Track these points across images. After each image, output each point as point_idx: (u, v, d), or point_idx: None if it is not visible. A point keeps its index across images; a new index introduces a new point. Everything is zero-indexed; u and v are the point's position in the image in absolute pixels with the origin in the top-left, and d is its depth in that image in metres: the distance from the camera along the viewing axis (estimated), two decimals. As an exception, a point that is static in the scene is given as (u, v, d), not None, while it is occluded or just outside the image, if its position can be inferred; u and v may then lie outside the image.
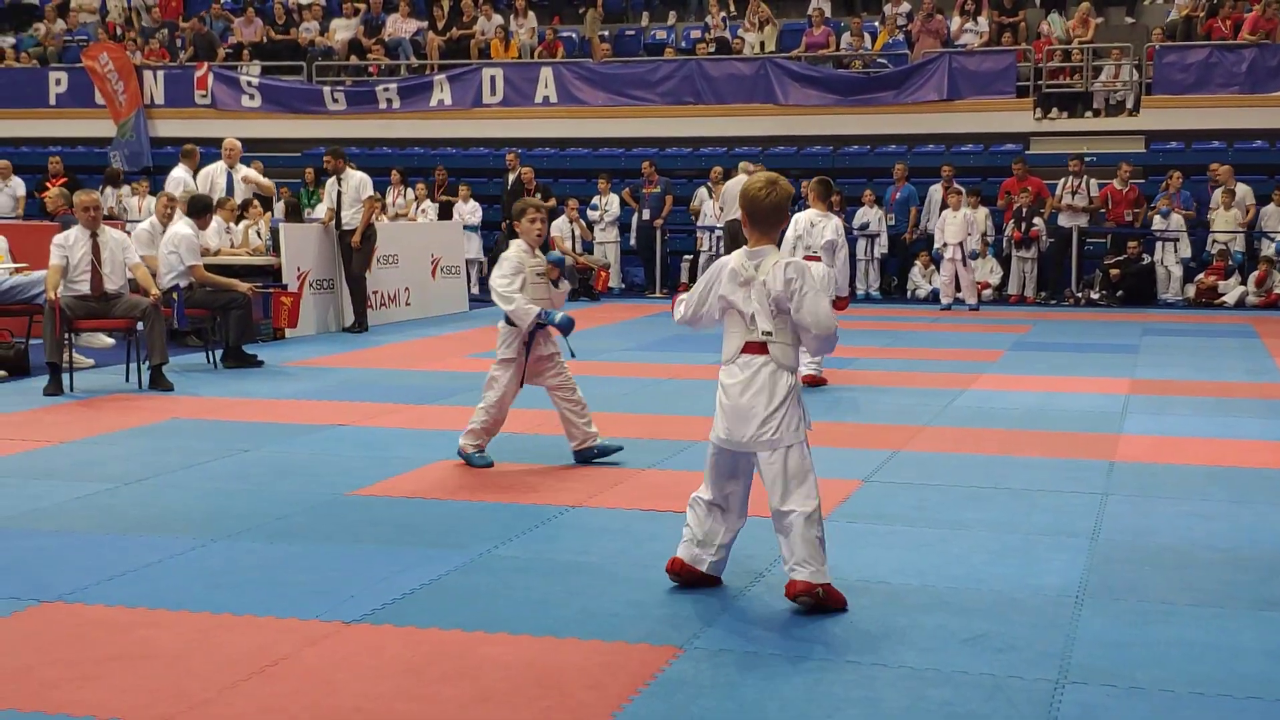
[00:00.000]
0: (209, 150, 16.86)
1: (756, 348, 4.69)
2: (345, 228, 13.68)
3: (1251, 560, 5.34)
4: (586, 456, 7.18)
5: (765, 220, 4.76)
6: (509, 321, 6.91)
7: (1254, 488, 6.65)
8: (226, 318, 11.03)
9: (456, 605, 4.76)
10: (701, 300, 4.84)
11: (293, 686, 3.99)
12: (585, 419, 7.14)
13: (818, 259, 9.50)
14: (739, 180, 11.32)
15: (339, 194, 13.71)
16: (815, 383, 9.73)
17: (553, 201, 18.45)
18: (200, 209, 11.39)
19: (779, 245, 4.84)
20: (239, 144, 14.65)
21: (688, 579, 4.93)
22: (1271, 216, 17.06)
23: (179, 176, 14.24)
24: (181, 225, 11.16)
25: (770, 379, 4.65)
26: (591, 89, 20.71)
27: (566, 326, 6.85)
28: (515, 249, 6.94)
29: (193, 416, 8.74)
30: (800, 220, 9.77)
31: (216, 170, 14.32)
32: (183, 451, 7.51)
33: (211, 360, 11.05)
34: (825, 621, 4.58)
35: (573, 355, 7.25)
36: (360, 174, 14.00)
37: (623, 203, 18.74)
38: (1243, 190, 17.25)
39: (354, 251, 13.63)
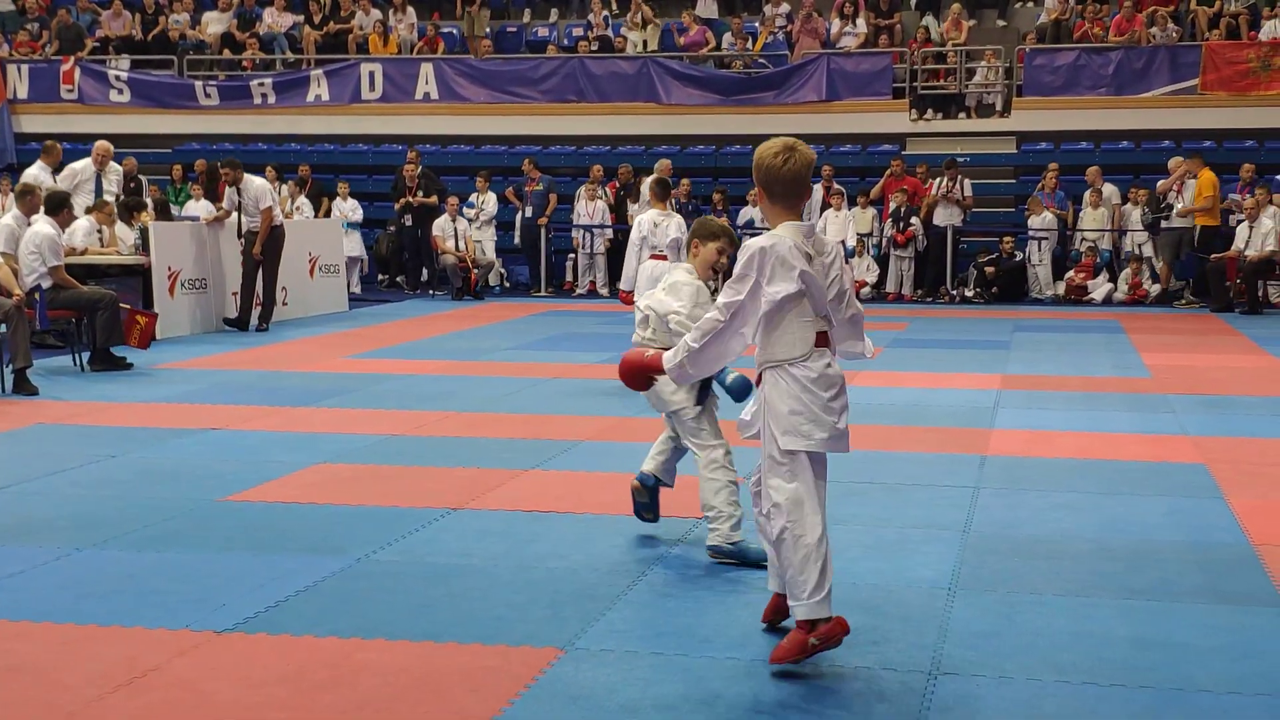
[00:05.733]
0: (77, 146, 16.35)
1: (824, 339, 4.13)
2: (249, 229, 13.61)
3: (1118, 550, 5.51)
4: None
5: (786, 193, 4.11)
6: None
7: (1120, 479, 6.85)
8: (93, 319, 10.70)
9: (333, 611, 4.68)
10: (744, 311, 4.09)
11: (162, 697, 3.90)
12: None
13: (664, 258, 9.55)
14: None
15: (239, 203, 13.59)
16: None
17: (434, 199, 18.24)
18: (56, 205, 11.03)
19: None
20: (110, 146, 14.33)
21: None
22: (1131, 216, 17.63)
23: (35, 174, 13.78)
24: (43, 224, 10.77)
25: (841, 375, 4.15)
26: (473, 86, 20.56)
27: (741, 390, 5.15)
28: (690, 278, 5.47)
29: (58, 421, 8.47)
30: (644, 222, 9.96)
31: (83, 169, 13.96)
32: (47, 457, 7.27)
33: (78, 363, 10.72)
34: (702, 620, 4.61)
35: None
36: (260, 181, 13.89)
37: (505, 201, 18.63)
38: (1109, 190, 17.78)
39: (255, 258, 13.54)
